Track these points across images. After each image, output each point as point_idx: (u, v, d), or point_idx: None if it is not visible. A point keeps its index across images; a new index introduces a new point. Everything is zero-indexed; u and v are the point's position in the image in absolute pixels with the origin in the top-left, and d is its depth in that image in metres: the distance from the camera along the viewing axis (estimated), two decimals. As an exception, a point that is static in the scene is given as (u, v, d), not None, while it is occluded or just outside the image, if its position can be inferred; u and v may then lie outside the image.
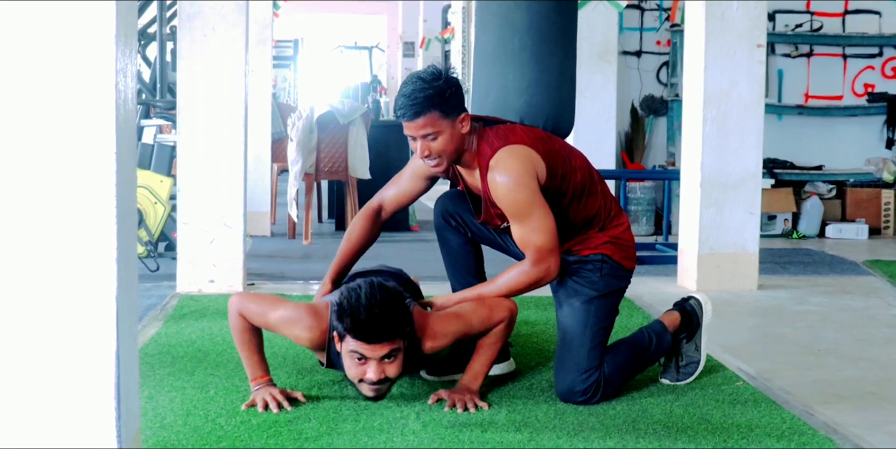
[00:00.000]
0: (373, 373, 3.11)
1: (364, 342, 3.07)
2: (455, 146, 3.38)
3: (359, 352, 3.09)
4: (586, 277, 3.51)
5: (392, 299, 3.09)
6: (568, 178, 3.44)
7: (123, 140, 2.14)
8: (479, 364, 3.42)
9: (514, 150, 3.35)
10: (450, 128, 3.34)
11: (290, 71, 18.58)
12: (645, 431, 3.07)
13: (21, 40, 2.05)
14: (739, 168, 5.82)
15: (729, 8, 5.76)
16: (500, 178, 3.32)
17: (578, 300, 3.50)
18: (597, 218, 3.53)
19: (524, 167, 3.32)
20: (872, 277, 6.42)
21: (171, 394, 3.41)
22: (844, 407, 3.44)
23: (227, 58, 5.42)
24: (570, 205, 3.48)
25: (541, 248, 3.36)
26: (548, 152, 3.41)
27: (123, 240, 2.14)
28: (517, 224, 3.37)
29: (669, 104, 9.25)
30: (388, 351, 3.10)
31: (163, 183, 6.52)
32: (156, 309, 4.97)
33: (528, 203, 3.32)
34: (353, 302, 3.06)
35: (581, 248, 3.53)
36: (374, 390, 3.16)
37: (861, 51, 9.42)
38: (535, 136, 3.44)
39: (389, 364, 3.13)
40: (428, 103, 3.29)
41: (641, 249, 7.33)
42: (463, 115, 3.36)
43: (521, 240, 3.39)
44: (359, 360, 3.11)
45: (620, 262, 3.55)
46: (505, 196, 3.33)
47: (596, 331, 3.48)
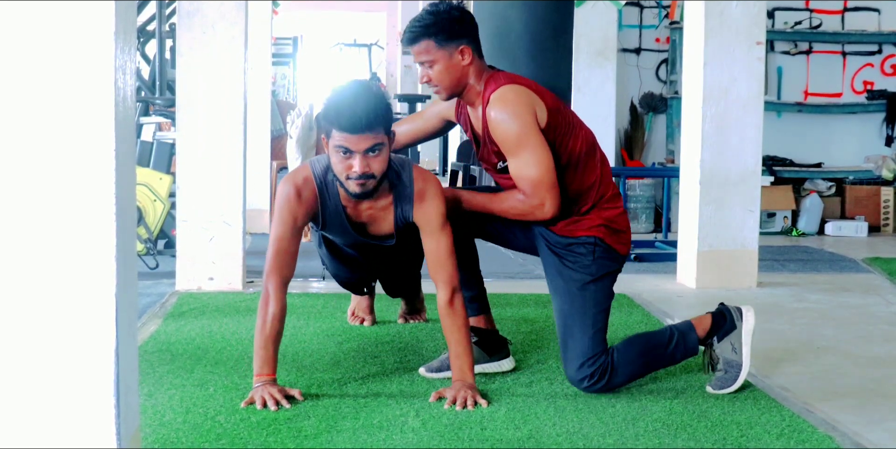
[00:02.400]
0: (357, 165, 3.25)
1: (348, 133, 3.22)
2: (452, 77, 3.49)
3: (343, 145, 3.25)
4: (578, 261, 3.52)
5: (374, 93, 3.27)
6: (567, 141, 3.49)
7: (122, 137, 2.14)
8: (458, 355, 3.38)
9: (518, 88, 3.44)
10: (446, 58, 3.46)
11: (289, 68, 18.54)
12: (644, 429, 3.07)
13: (20, 37, 2.05)
14: (739, 165, 5.82)
15: (728, 5, 5.76)
16: (497, 110, 3.42)
17: (573, 286, 3.50)
18: (590, 192, 3.54)
19: (524, 102, 3.41)
20: (872, 275, 6.43)
21: (170, 391, 3.41)
22: (844, 404, 3.44)
23: (226, 55, 5.41)
24: (566, 171, 3.50)
25: (536, 181, 3.40)
26: (554, 104, 3.48)
27: (123, 237, 2.14)
28: (513, 158, 3.43)
29: (669, 101, 9.26)
30: (372, 144, 3.24)
31: (162, 180, 6.52)
32: (155, 306, 4.97)
33: (523, 135, 3.39)
34: (337, 95, 3.27)
35: (574, 228, 3.54)
36: (360, 185, 3.29)
37: (860, 48, 9.42)
38: (546, 90, 3.53)
39: (374, 158, 3.27)
40: (423, 32, 3.46)
41: (641, 247, 7.37)
42: (462, 46, 3.46)
43: (517, 174, 3.45)
44: (344, 154, 3.26)
45: (613, 246, 3.56)
46: (500, 127, 3.41)
47: (594, 315, 3.49)
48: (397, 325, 4.56)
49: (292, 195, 3.43)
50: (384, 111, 3.28)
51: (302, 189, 3.44)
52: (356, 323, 4.54)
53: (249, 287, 5.52)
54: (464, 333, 3.40)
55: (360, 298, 4.57)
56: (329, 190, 3.45)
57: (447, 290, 3.41)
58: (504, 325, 4.18)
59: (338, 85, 3.34)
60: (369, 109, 3.22)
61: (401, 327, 4.51)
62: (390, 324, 4.57)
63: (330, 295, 5.30)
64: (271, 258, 3.40)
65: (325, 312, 4.80)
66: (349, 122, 3.22)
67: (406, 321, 4.60)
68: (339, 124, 3.24)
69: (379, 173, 3.30)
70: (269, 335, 3.34)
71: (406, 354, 4.00)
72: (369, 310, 4.56)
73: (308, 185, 3.45)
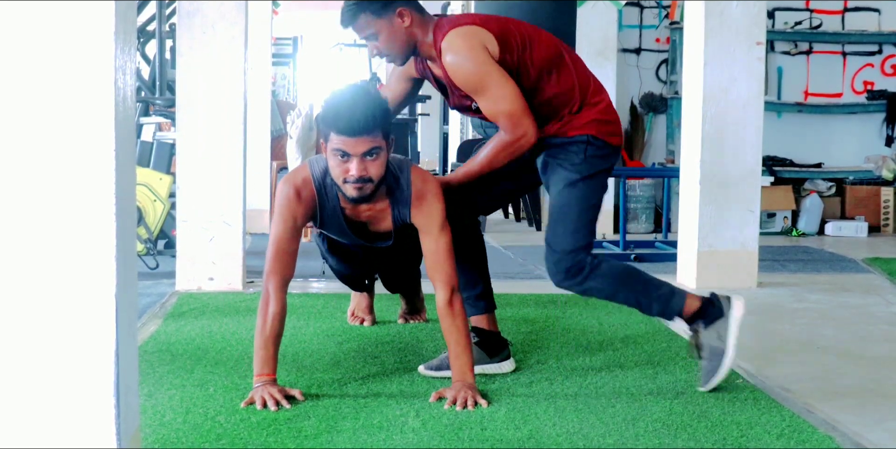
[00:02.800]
0: (355, 168, 3.25)
1: (345, 135, 3.22)
2: (400, 41, 3.53)
3: (341, 148, 3.24)
4: (570, 160, 3.57)
5: (372, 96, 3.28)
6: (529, 55, 3.52)
7: (122, 138, 2.14)
8: (457, 356, 3.39)
9: (461, 30, 3.48)
10: (387, 26, 3.50)
11: (289, 68, 18.53)
12: (644, 429, 3.07)
13: (20, 37, 2.05)
14: (739, 166, 5.82)
15: (728, 5, 5.76)
16: (451, 57, 3.46)
17: (563, 183, 3.57)
18: (573, 92, 3.58)
19: (471, 43, 3.44)
20: (872, 275, 6.43)
21: (170, 392, 3.41)
22: (844, 404, 3.44)
23: (226, 55, 5.42)
24: (540, 80, 3.54)
25: (511, 113, 3.45)
26: (501, 29, 3.51)
27: (123, 237, 2.14)
28: (480, 97, 3.48)
29: (669, 102, 9.26)
30: (370, 147, 3.24)
31: (162, 181, 6.52)
32: (155, 307, 4.97)
33: (482, 73, 3.44)
34: (336, 98, 3.27)
35: (567, 129, 3.58)
36: (357, 189, 3.29)
37: (860, 48, 9.42)
38: (489, 18, 3.56)
39: (372, 162, 3.27)
40: (356, 8, 3.50)
41: (641, 247, 7.36)
42: (398, 9, 3.49)
43: (491, 112, 3.50)
44: (342, 157, 3.25)
45: (606, 139, 3.60)
46: (459, 72, 3.46)
47: (580, 211, 3.55)
48: (397, 325, 4.56)
49: (291, 195, 3.44)
50: (382, 115, 3.29)
51: (301, 189, 3.44)
52: (356, 323, 4.54)
53: (249, 287, 5.52)
54: (463, 333, 3.40)
55: (359, 298, 4.57)
56: (328, 191, 3.45)
57: (446, 290, 3.41)
58: (504, 325, 4.18)
59: (337, 88, 3.35)
60: (367, 113, 3.23)
61: (401, 327, 4.51)
62: (390, 324, 4.57)
63: (330, 295, 5.30)
64: (271, 258, 3.41)
65: (325, 312, 4.80)
66: (347, 125, 3.22)
67: (406, 321, 4.60)
68: (336, 127, 3.24)
69: (377, 177, 3.31)
70: (269, 335, 3.34)
71: (406, 354, 4.00)
72: (369, 310, 4.56)
73: (307, 186, 3.45)
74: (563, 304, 5.11)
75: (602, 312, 4.93)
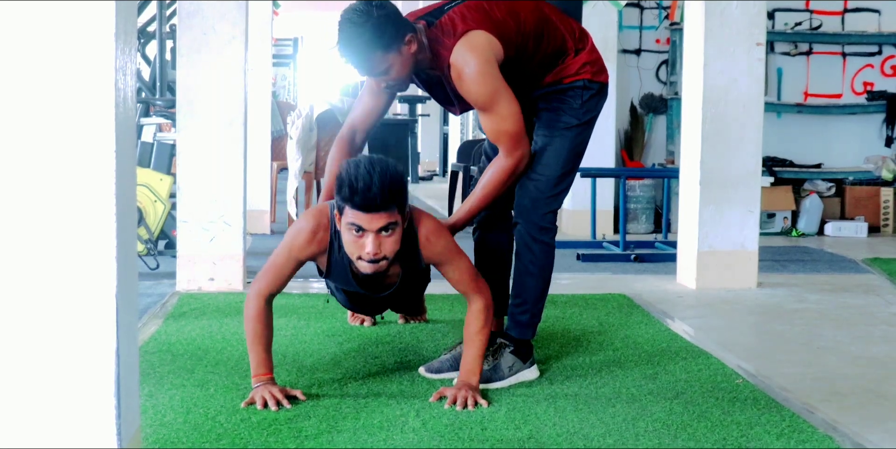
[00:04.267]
0: (370, 245, 3.17)
1: (361, 211, 3.13)
2: (409, 69, 3.50)
3: (356, 223, 3.16)
4: (569, 104, 3.67)
5: (390, 170, 3.17)
6: (524, 33, 3.56)
7: (123, 138, 2.14)
8: (471, 358, 3.41)
9: (467, 41, 3.45)
10: (398, 58, 3.45)
11: (289, 69, 18.57)
12: (645, 429, 3.07)
13: (20, 38, 2.05)
14: (739, 166, 5.82)
15: (728, 6, 5.77)
16: (462, 74, 3.44)
17: (562, 126, 3.66)
18: (566, 44, 3.66)
19: (482, 57, 3.43)
20: (871, 275, 6.43)
21: (171, 392, 3.41)
22: (844, 405, 3.44)
23: (226, 56, 5.42)
24: (539, 45, 3.60)
25: (512, 134, 3.50)
26: (497, 27, 3.50)
27: (123, 238, 2.14)
28: (486, 115, 3.50)
29: (669, 102, 9.26)
30: (386, 223, 3.16)
31: (162, 181, 6.52)
32: (156, 307, 4.97)
33: (493, 92, 3.45)
34: (352, 172, 3.15)
35: (563, 76, 3.66)
36: (372, 268, 3.22)
37: (860, 49, 9.42)
38: (480, 17, 3.52)
39: (387, 238, 3.19)
40: (367, 49, 3.40)
41: (641, 247, 7.37)
42: (406, 38, 3.43)
43: (493, 130, 3.52)
44: (356, 233, 3.18)
45: (597, 80, 3.71)
46: (471, 89, 3.45)
47: (574, 155, 3.68)
48: (398, 325, 4.56)
49: (307, 234, 3.39)
50: (399, 190, 3.18)
51: (317, 232, 3.39)
52: (356, 323, 4.54)
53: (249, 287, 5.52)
54: (485, 342, 3.44)
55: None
56: (339, 245, 3.37)
57: (481, 301, 3.44)
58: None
59: (352, 159, 3.22)
60: (384, 188, 3.11)
61: (401, 328, 4.51)
62: (391, 324, 4.57)
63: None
64: (263, 271, 3.43)
65: (326, 313, 4.80)
66: (363, 200, 3.11)
67: (406, 321, 4.60)
68: (352, 202, 3.13)
69: (391, 254, 3.23)
70: (252, 337, 3.36)
71: (406, 354, 4.00)
72: None
73: (324, 232, 3.39)
74: (563, 304, 5.11)
75: (602, 312, 4.94)
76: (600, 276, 6.33)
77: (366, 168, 3.13)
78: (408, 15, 3.62)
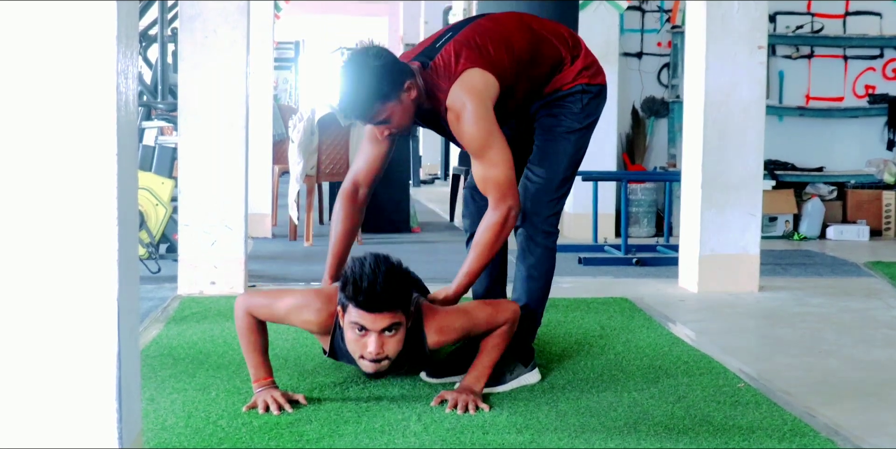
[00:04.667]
0: (373, 345, 3.12)
1: (365, 311, 3.09)
2: (410, 114, 3.46)
3: (360, 323, 3.11)
4: (569, 109, 3.67)
5: (395, 270, 3.12)
6: (519, 61, 3.55)
7: (125, 142, 2.14)
8: (482, 366, 3.42)
9: (462, 83, 3.42)
10: (399, 106, 3.40)
11: (291, 73, 18.58)
12: (646, 433, 3.07)
13: (22, 42, 2.05)
14: (740, 170, 5.82)
15: (730, 9, 5.77)
16: (458, 117, 3.41)
17: (563, 130, 3.66)
18: (561, 56, 3.66)
19: (477, 99, 3.40)
20: (873, 279, 6.42)
21: (172, 396, 3.41)
22: (846, 408, 3.44)
23: (228, 59, 5.42)
24: (535, 67, 3.61)
25: (500, 183, 3.43)
26: (492, 62, 3.48)
27: (125, 242, 2.14)
28: (478, 160, 3.46)
29: (670, 106, 9.26)
30: (389, 324, 3.12)
31: (164, 185, 6.52)
32: (157, 311, 4.97)
33: (486, 136, 3.41)
34: (357, 270, 3.10)
35: (562, 84, 3.66)
36: (374, 368, 3.17)
37: (862, 52, 9.42)
38: (474, 55, 3.48)
39: (390, 338, 3.14)
40: (367, 100, 3.35)
41: (643, 251, 7.36)
42: (406, 85, 3.39)
43: (482, 177, 3.47)
44: (360, 331, 3.13)
45: (595, 82, 3.70)
46: (465, 132, 3.42)
47: (575, 160, 3.68)
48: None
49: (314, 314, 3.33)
50: (403, 289, 3.15)
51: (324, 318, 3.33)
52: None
53: (251, 291, 5.52)
54: (499, 353, 3.44)
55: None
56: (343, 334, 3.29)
57: (508, 320, 3.43)
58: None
59: (358, 257, 3.17)
60: (388, 289, 3.07)
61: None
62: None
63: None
64: (260, 296, 3.40)
65: (327, 317, 4.79)
66: (367, 300, 3.07)
67: None
68: (356, 301, 3.09)
69: (394, 355, 3.18)
70: (247, 345, 3.38)
71: (408, 358, 4.00)
72: None
73: (328, 318, 3.33)
74: (565, 308, 5.11)
75: (604, 315, 4.93)
76: (602, 279, 6.33)
77: (371, 267, 3.08)
78: (402, 56, 3.58)
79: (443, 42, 3.54)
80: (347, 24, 23.75)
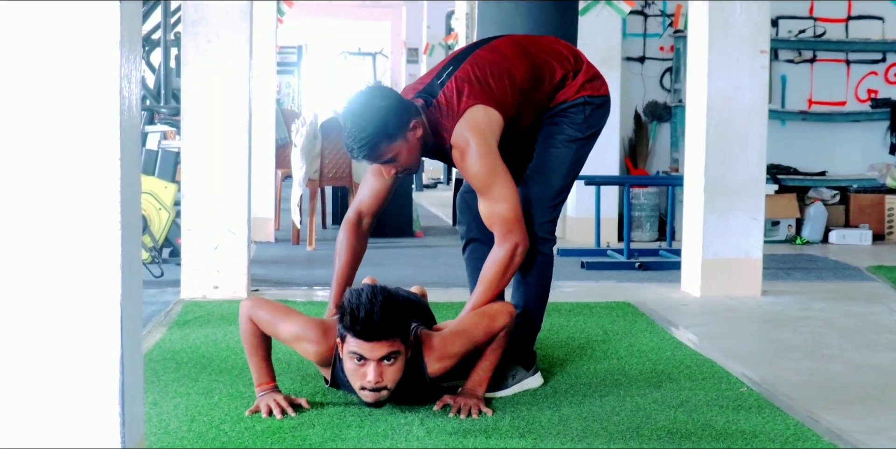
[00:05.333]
0: (371, 374, 3.10)
1: (362, 340, 3.08)
2: (417, 152, 3.47)
3: (358, 352, 3.10)
4: (572, 120, 3.69)
5: (393, 299, 3.11)
6: (522, 90, 3.57)
7: (127, 146, 2.14)
8: (482, 370, 3.42)
9: (466, 122, 3.44)
10: (405, 144, 3.41)
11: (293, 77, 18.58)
12: (649, 437, 3.07)
13: (25, 46, 2.06)
14: (743, 174, 5.82)
15: (732, 14, 5.77)
16: (463, 156, 3.44)
17: (565, 139, 3.68)
18: (562, 76, 3.67)
19: (481, 137, 3.43)
20: (876, 283, 6.42)
21: (175, 400, 3.41)
22: (848, 413, 3.44)
23: (231, 63, 5.42)
24: (537, 92, 3.63)
25: (506, 218, 3.45)
26: (494, 96, 3.50)
27: (127, 246, 2.14)
28: (483, 196, 3.48)
29: (673, 110, 9.26)
30: (387, 352, 3.10)
31: (167, 189, 6.52)
32: (160, 315, 4.97)
33: (490, 173, 3.43)
34: (354, 300, 3.09)
35: (565, 98, 3.68)
36: (374, 397, 3.15)
37: (864, 56, 9.42)
38: (476, 91, 3.49)
39: (389, 367, 3.12)
40: (373, 141, 3.34)
41: (645, 255, 7.36)
42: (411, 124, 3.40)
43: (488, 214, 3.48)
44: (358, 361, 3.12)
45: (598, 94, 3.72)
46: (469, 170, 3.44)
47: (573, 168, 3.70)
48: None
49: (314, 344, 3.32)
50: (401, 318, 3.14)
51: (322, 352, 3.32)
52: None
53: (254, 295, 5.51)
54: (498, 356, 3.44)
55: None
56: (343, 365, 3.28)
57: (503, 322, 3.42)
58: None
59: (355, 288, 3.16)
60: (386, 318, 3.06)
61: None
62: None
63: (334, 303, 5.29)
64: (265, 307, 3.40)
65: (330, 321, 4.80)
66: (364, 330, 3.07)
67: None
68: (353, 331, 3.09)
69: (393, 384, 3.16)
70: (250, 349, 3.38)
71: (410, 362, 4.00)
72: None
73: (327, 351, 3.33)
74: (567, 312, 5.11)
75: (607, 320, 4.93)
76: (604, 284, 6.32)
77: (368, 297, 3.08)
78: (404, 91, 3.61)
79: (444, 78, 3.55)
80: (350, 28, 23.78)
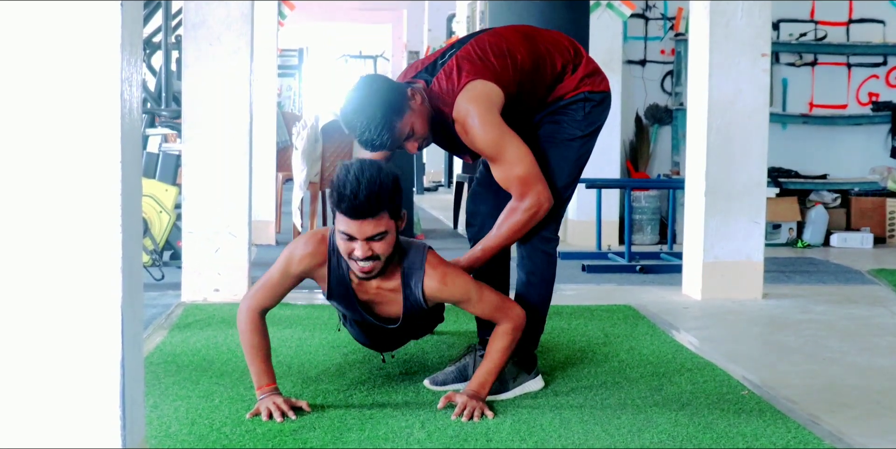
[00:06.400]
0: (359, 250, 3.13)
1: (349, 217, 3.10)
2: (426, 118, 3.46)
3: (346, 232, 3.13)
4: (572, 117, 3.68)
5: (381, 176, 3.11)
6: (522, 70, 3.56)
7: (128, 149, 2.14)
8: (486, 372, 3.41)
9: (466, 94, 3.45)
10: (413, 114, 3.42)
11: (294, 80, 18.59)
12: (650, 441, 3.06)
13: (26, 49, 2.06)
14: (744, 177, 5.82)
15: (733, 17, 5.77)
16: (466, 126, 3.44)
17: (565, 137, 3.67)
18: (563, 67, 3.67)
19: (483, 106, 3.43)
20: (877, 286, 6.42)
21: (175, 403, 3.41)
22: (850, 416, 3.43)
23: (231, 67, 5.43)
24: (537, 79, 3.61)
25: (523, 177, 3.46)
26: (494, 72, 3.50)
27: (128, 249, 2.14)
28: (496, 164, 3.48)
29: (674, 113, 9.26)
30: (374, 233, 3.13)
31: (168, 192, 6.53)
32: (161, 318, 4.97)
33: (497, 139, 3.43)
34: (342, 177, 3.11)
35: (564, 92, 3.67)
36: (366, 267, 3.19)
37: (865, 60, 9.42)
38: (476, 68, 3.50)
39: (377, 243, 3.16)
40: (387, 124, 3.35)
41: (646, 258, 7.36)
42: (409, 93, 3.42)
43: (505, 178, 3.49)
44: (348, 240, 3.15)
45: (598, 90, 3.71)
46: (476, 140, 3.44)
47: (572, 168, 3.67)
48: (402, 336, 4.55)
49: (303, 250, 3.36)
50: (389, 194, 3.13)
51: (316, 248, 3.36)
52: None
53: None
54: (504, 359, 3.43)
55: None
56: (339, 260, 3.35)
57: (511, 322, 3.43)
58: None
59: (346, 162, 3.16)
60: (372, 195, 3.07)
61: (406, 339, 4.50)
62: (395, 335, 4.56)
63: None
64: (258, 286, 3.42)
65: (331, 323, 4.80)
66: (350, 207, 3.08)
67: None
68: (340, 208, 3.10)
69: (384, 254, 3.18)
70: (249, 350, 3.36)
71: (411, 365, 4.00)
72: None
73: (321, 247, 3.36)
74: (568, 315, 5.11)
75: (608, 323, 4.93)
76: (605, 287, 6.33)
77: (354, 174, 3.09)
78: (406, 69, 3.66)
79: (445, 59, 3.57)
80: (351, 31, 23.80)
